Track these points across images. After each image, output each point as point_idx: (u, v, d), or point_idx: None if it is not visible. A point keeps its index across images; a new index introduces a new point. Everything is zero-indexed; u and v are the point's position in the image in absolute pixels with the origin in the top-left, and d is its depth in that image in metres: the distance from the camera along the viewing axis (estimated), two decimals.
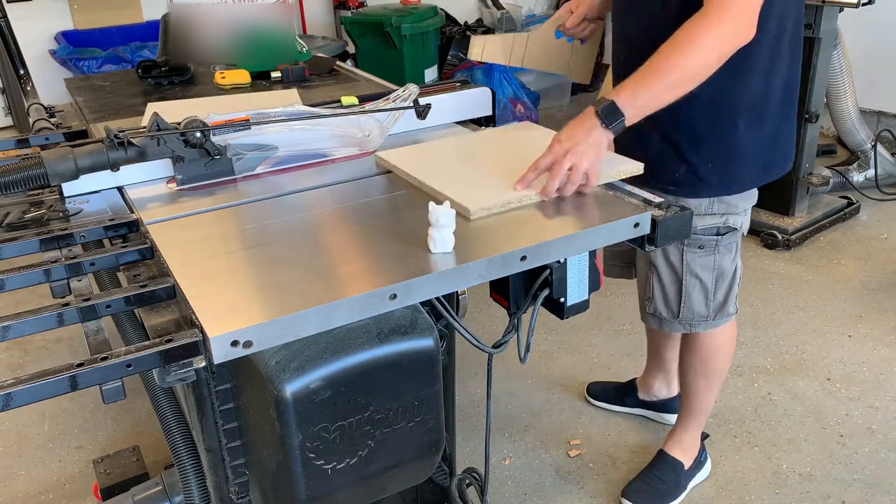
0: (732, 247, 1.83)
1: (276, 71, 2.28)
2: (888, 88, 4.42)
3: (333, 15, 5.50)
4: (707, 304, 1.86)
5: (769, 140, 1.69)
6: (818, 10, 3.23)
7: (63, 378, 0.98)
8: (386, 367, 1.22)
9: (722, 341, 1.97)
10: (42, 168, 1.38)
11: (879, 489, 2.18)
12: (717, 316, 1.89)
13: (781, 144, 1.74)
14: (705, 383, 2.04)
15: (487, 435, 1.64)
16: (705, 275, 1.83)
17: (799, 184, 3.55)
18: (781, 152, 1.75)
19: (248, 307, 1.09)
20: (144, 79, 2.34)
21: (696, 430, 2.17)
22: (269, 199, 1.48)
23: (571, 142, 1.39)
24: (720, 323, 1.91)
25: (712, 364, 2.00)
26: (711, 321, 1.89)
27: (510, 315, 1.45)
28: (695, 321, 1.89)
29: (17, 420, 2.60)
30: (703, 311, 1.87)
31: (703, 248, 1.80)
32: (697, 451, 2.19)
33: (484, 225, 1.32)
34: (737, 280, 1.88)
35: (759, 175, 1.74)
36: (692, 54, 1.41)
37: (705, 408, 2.11)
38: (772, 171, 1.76)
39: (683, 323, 1.90)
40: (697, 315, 1.88)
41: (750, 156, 1.68)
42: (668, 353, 2.31)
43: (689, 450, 2.18)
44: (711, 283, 1.84)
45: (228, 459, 1.40)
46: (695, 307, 1.86)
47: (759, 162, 1.71)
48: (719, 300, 1.87)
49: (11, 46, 2.53)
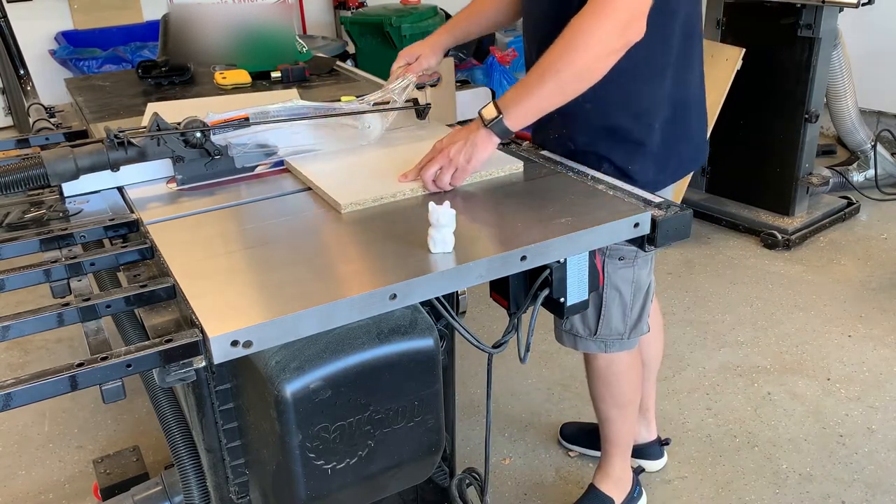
0: (648, 259, 1.77)
1: (276, 71, 2.29)
2: (888, 88, 4.43)
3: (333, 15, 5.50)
4: (624, 319, 1.80)
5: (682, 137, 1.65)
6: (818, 10, 3.23)
7: (63, 378, 0.98)
8: (386, 367, 1.22)
9: (627, 366, 1.90)
10: (42, 168, 1.38)
11: (879, 489, 2.18)
12: (632, 334, 1.82)
13: (693, 140, 1.68)
14: (617, 412, 1.96)
15: (487, 435, 1.64)
16: (625, 288, 1.75)
17: (799, 184, 3.55)
18: (692, 146, 1.69)
19: (248, 307, 1.09)
20: (144, 79, 2.34)
21: (622, 462, 2.06)
22: (269, 199, 1.48)
23: (449, 140, 1.45)
24: (633, 343, 1.85)
25: (621, 392, 1.93)
26: (626, 340, 1.82)
27: (510, 315, 1.45)
28: (611, 339, 1.82)
29: (17, 420, 2.60)
30: (620, 327, 1.80)
31: (624, 259, 1.72)
32: (629, 487, 2.09)
33: (483, 223, 1.32)
34: (650, 295, 1.82)
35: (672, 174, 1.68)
36: (582, 51, 1.33)
37: (624, 438, 2.02)
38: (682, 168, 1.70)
39: (599, 341, 1.82)
40: (615, 332, 1.81)
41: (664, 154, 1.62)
42: (644, 388, 2.15)
43: (619, 483, 2.07)
44: (630, 297, 1.77)
45: (228, 459, 1.40)
46: (613, 323, 1.79)
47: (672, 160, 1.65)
48: (635, 316, 1.81)
49: (11, 46, 2.53)
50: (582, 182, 1.50)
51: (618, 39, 1.34)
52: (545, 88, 1.37)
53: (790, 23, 3.32)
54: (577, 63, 1.35)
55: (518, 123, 1.41)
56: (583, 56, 1.34)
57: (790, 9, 3.29)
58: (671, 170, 1.67)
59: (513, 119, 1.40)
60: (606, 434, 2.03)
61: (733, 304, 3.12)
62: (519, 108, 1.40)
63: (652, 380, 2.22)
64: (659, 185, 1.62)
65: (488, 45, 5.31)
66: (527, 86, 1.39)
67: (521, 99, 1.39)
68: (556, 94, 1.38)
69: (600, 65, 1.36)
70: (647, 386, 2.19)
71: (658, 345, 2.18)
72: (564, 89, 1.38)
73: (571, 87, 1.38)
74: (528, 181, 1.53)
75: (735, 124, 3.55)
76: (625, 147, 1.60)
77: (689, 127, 1.67)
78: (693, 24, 1.58)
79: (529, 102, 1.39)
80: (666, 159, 1.64)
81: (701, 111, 1.71)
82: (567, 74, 1.35)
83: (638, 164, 1.60)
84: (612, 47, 1.35)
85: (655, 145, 1.60)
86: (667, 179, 1.67)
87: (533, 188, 1.50)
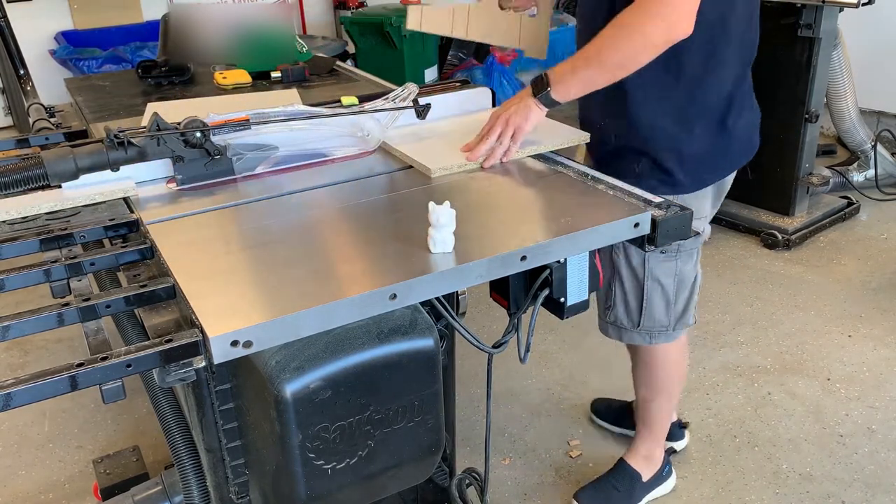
0: (693, 253, 1.80)
1: (276, 71, 2.29)
2: (888, 88, 4.42)
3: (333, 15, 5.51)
4: (668, 311, 1.83)
5: (727, 137, 1.67)
6: (818, 10, 3.23)
7: (63, 378, 0.98)
8: (386, 367, 1.22)
9: (674, 356, 1.94)
10: (42, 168, 1.38)
11: (879, 489, 2.18)
12: (678, 326, 1.86)
13: (739, 139, 1.71)
14: (652, 398, 2.02)
15: (487, 435, 1.64)
16: (667, 281, 1.80)
17: (799, 184, 3.55)
18: (739, 146, 1.72)
19: (248, 307, 1.09)
20: (144, 79, 2.34)
21: (654, 444, 2.12)
22: (269, 199, 1.48)
23: (503, 108, 1.59)
24: (678, 334, 1.89)
25: (664, 378, 1.97)
26: (671, 331, 1.87)
27: (510, 315, 1.45)
28: (655, 330, 1.86)
29: (17, 420, 2.60)
30: (663, 319, 1.84)
31: (665, 252, 1.76)
32: (660, 465, 2.15)
33: (483, 223, 1.33)
34: (696, 288, 1.85)
35: (720, 171, 1.72)
36: (623, 44, 1.45)
37: (660, 422, 2.08)
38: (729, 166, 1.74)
39: (643, 333, 1.87)
40: (658, 324, 1.85)
41: (709, 153, 1.66)
42: None
43: (649, 462, 2.13)
44: (673, 290, 1.81)
45: (228, 459, 1.40)
46: (656, 315, 1.83)
47: (717, 159, 1.69)
48: (679, 308, 1.84)
49: (11, 46, 2.53)
50: (582, 182, 1.50)
51: (661, 35, 1.43)
52: (590, 70, 1.50)
53: (790, 23, 3.32)
54: (620, 52, 1.46)
55: (563, 97, 1.54)
56: (626, 47, 1.45)
57: (790, 9, 3.29)
58: (712, 168, 1.70)
59: (559, 92, 1.53)
60: (643, 415, 2.09)
61: (733, 304, 3.12)
62: (565, 83, 1.52)
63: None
64: (701, 183, 1.68)
65: (488, 46, 5.31)
66: (575, 64, 1.52)
67: (567, 76, 1.52)
68: (599, 76, 1.51)
69: (641, 57, 1.46)
70: None
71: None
72: (607, 73, 1.50)
73: (614, 73, 1.50)
74: (529, 181, 1.53)
75: None
76: (665, 145, 1.64)
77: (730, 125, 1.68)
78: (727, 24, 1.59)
79: (574, 79, 1.52)
80: (707, 158, 1.67)
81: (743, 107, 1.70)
82: (610, 62, 1.48)
83: (677, 163, 1.64)
84: (654, 42, 1.44)
85: (696, 145, 1.64)
86: (709, 178, 1.71)
87: (533, 188, 1.50)
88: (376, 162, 1.65)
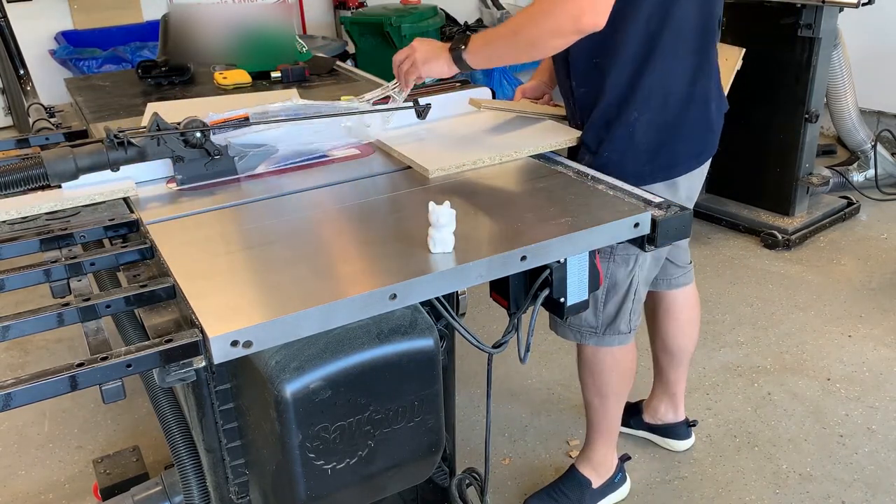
0: (630, 259, 1.74)
1: (276, 71, 2.29)
2: (888, 88, 4.42)
3: (333, 15, 5.50)
4: (596, 314, 1.81)
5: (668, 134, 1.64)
6: (818, 10, 3.23)
7: (63, 378, 0.98)
8: (386, 367, 1.22)
9: (611, 363, 1.91)
10: (42, 168, 1.38)
11: (879, 489, 2.18)
12: (607, 331, 1.83)
13: (685, 139, 1.67)
14: (599, 401, 1.99)
15: (487, 435, 1.64)
16: None
17: (799, 184, 3.55)
18: (678, 148, 1.68)
19: (248, 307, 1.09)
20: (144, 79, 2.34)
21: (604, 448, 2.08)
22: (269, 199, 1.48)
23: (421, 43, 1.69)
24: (610, 341, 1.86)
25: (602, 383, 1.95)
26: (601, 335, 1.84)
27: (510, 315, 1.45)
28: (584, 330, 1.84)
29: (17, 420, 2.60)
30: (591, 320, 1.82)
31: (600, 252, 1.69)
32: (612, 472, 2.12)
33: (483, 223, 1.32)
34: (630, 297, 1.80)
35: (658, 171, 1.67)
36: (535, 27, 1.49)
37: (606, 426, 2.04)
38: (674, 169, 1.69)
39: (573, 329, 1.85)
40: (585, 323, 1.83)
41: (644, 149, 1.63)
42: (673, 374, 2.25)
43: (599, 468, 2.10)
44: (602, 293, 1.78)
45: (228, 459, 1.40)
46: (584, 314, 1.80)
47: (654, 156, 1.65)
48: (609, 313, 1.81)
49: (11, 46, 2.53)
50: (582, 182, 1.50)
51: (569, 24, 1.45)
52: (501, 44, 1.57)
53: (790, 23, 3.32)
54: (529, 33, 1.50)
55: (473, 62, 1.60)
56: (534, 29, 1.49)
57: (790, 9, 3.29)
58: (660, 164, 1.66)
59: (470, 57, 1.60)
60: (589, 419, 2.07)
61: (733, 304, 3.12)
62: (478, 50, 1.59)
63: (683, 368, 2.24)
64: (645, 178, 1.62)
65: None
66: (491, 36, 1.59)
67: (482, 44, 1.59)
68: (510, 52, 1.59)
69: (551, 42, 1.51)
70: (678, 373, 2.25)
71: (691, 337, 2.20)
72: (518, 49, 1.56)
73: (523, 52, 1.56)
74: (529, 181, 1.53)
75: (735, 124, 3.52)
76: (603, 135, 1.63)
77: (683, 122, 1.65)
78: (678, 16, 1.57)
79: (486, 50, 1.59)
80: (651, 153, 1.64)
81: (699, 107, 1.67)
82: (520, 40, 1.53)
83: (616, 154, 1.62)
84: (562, 29, 1.47)
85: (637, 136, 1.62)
86: (655, 174, 1.66)
87: (533, 188, 1.50)
88: (376, 162, 1.65)
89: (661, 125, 1.63)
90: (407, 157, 1.61)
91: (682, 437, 2.34)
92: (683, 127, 1.66)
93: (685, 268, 2.10)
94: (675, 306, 2.13)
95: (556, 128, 1.74)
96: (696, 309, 2.19)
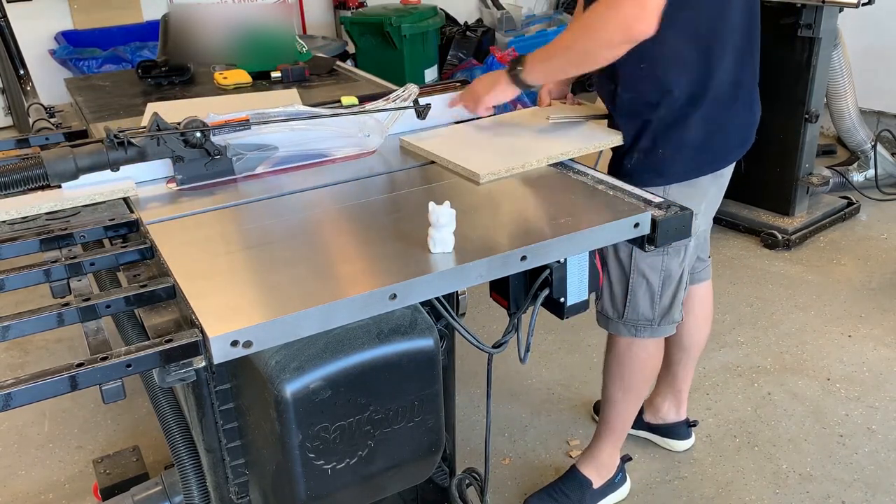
0: (681, 249, 1.79)
1: (276, 71, 2.28)
2: (888, 88, 4.42)
3: (333, 15, 5.50)
4: (653, 306, 1.83)
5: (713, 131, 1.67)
6: (818, 10, 3.23)
7: (63, 378, 0.98)
8: (386, 367, 1.22)
9: (645, 357, 1.93)
10: (42, 168, 1.38)
11: (879, 489, 2.18)
12: (662, 321, 1.86)
13: (728, 134, 1.71)
14: (622, 395, 2.00)
15: (487, 435, 1.64)
16: (652, 275, 1.80)
17: (799, 184, 3.55)
18: (725, 141, 1.72)
19: (248, 307, 1.09)
20: (144, 79, 2.34)
21: (612, 448, 2.10)
22: (269, 199, 1.48)
23: (477, 80, 1.77)
24: (664, 331, 1.88)
25: (632, 377, 1.96)
26: (656, 326, 1.87)
27: (510, 315, 1.45)
28: (640, 324, 1.86)
29: (17, 420, 2.60)
30: (648, 313, 1.85)
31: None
32: (613, 472, 2.13)
33: (483, 223, 1.33)
34: (682, 285, 1.84)
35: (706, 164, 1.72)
36: (587, 37, 1.52)
37: (621, 424, 2.06)
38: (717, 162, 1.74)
39: (628, 325, 1.87)
40: (643, 317, 1.85)
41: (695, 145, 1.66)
42: (681, 371, 2.25)
43: (602, 468, 2.11)
44: (658, 285, 1.81)
45: (228, 459, 1.40)
46: (640, 308, 1.84)
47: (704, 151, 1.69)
48: (665, 304, 1.84)
49: (11, 46, 2.53)
50: (582, 182, 1.50)
51: (621, 34, 1.47)
52: (558, 59, 1.61)
53: (790, 23, 3.32)
54: (583, 46, 1.54)
55: (533, 80, 1.65)
56: (587, 42, 1.53)
57: (790, 9, 3.29)
58: (706, 159, 1.70)
59: (529, 75, 1.64)
60: (605, 416, 2.07)
61: (733, 304, 3.12)
62: (536, 68, 1.63)
63: (692, 365, 2.25)
64: (690, 174, 1.69)
65: (488, 45, 5.31)
66: (546, 52, 1.62)
67: (539, 61, 1.63)
68: (567, 66, 1.63)
69: (604, 53, 1.52)
70: (686, 370, 2.25)
71: (704, 332, 2.21)
72: (573, 64, 1.61)
73: (579, 65, 1.62)
74: (529, 181, 1.53)
75: None
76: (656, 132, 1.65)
77: (730, 120, 1.69)
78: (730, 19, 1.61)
79: (544, 66, 1.64)
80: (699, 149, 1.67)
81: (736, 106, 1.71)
82: (574, 53, 1.57)
83: (670, 150, 1.65)
84: (614, 40, 1.48)
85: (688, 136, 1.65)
86: (702, 169, 1.71)
87: (533, 188, 1.50)
88: (376, 162, 1.65)
89: (710, 124, 1.66)
90: (454, 164, 1.57)
91: (682, 437, 2.34)
92: (730, 124, 1.70)
93: (706, 262, 2.12)
94: (692, 300, 2.13)
95: (596, 129, 1.73)
96: (710, 305, 2.20)
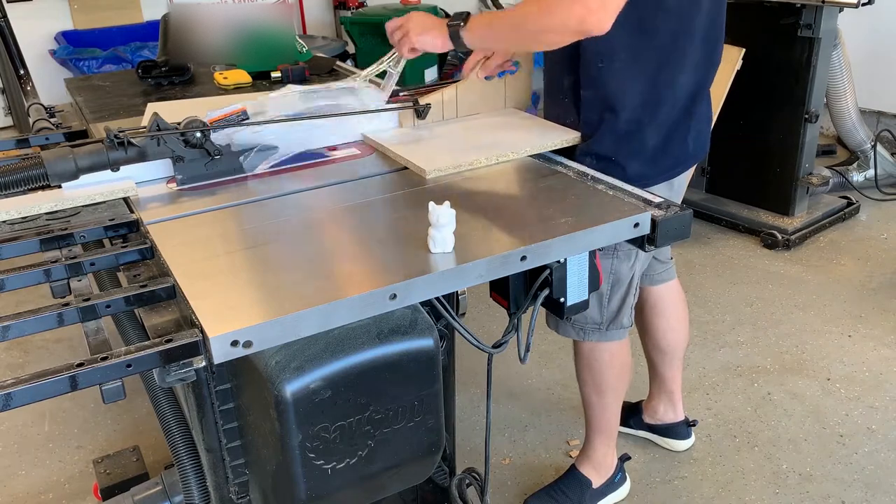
0: (632, 254, 1.76)
1: (276, 71, 2.28)
2: (888, 88, 4.42)
3: (333, 15, 5.50)
4: (601, 310, 1.82)
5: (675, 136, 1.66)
6: (818, 10, 3.23)
7: (63, 378, 0.98)
8: (386, 367, 1.22)
9: (609, 359, 1.92)
10: (42, 168, 1.38)
11: (879, 489, 2.18)
12: (611, 326, 1.85)
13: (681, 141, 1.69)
14: (597, 398, 1.99)
15: (487, 435, 1.64)
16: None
17: (799, 184, 3.55)
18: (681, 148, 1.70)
19: (248, 307, 1.09)
20: (144, 79, 2.34)
21: (603, 448, 2.09)
22: (268, 199, 1.48)
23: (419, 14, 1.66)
24: (612, 336, 1.87)
25: (601, 380, 1.95)
26: (604, 331, 1.85)
27: (510, 315, 1.45)
28: (588, 327, 1.85)
29: (17, 420, 2.60)
30: (596, 316, 1.83)
31: (602, 250, 1.71)
32: (612, 472, 2.12)
33: (483, 223, 1.33)
34: (632, 290, 1.82)
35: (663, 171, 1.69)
36: (540, 15, 1.46)
37: (606, 424, 2.04)
38: (673, 169, 1.71)
39: (576, 328, 1.86)
40: (590, 320, 1.83)
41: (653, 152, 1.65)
42: (667, 372, 2.25)
43: (599, 468, 2.10)
44: (606, 289, 1.79)
45: (228, 459, 1.40)
46: (587, 312, 1.78)
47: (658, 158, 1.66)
48: (613, 308, 1.82)
49: (11, 46, 2.53)
50: (582, 182, 1.50)
51: (574, 23, 1.42)
52: (502, 31, 1.56)
53: (790, 23, 3.32)
54: (532, 25, 1.47)
55: (470, 41, 1.58)
56: (538, 23, 1.46)
57: (790, 9, 3.29)
58: (665, 165, 1.68)
59: (468, 35, 1.57)
60: (588, 418, 2.07)
61: (733, 304, 3.12)
62: (477, 31, 1.56)
63: (676, 365, 2.25)
64: (649, 180, 1.64)
65: None
66: (493, 20, 1.58)
67: (483, 26, 1.57)
68: (509, 40, 1.60)
69: (551, 38, 1.48)
70: (672, 371, 2.25)
71: (681, 333, 2.20)
72: (516, 41, 1.58)
73: (522, 43, 1.59)
74: (529, 181, 1.53)
75: (735, 124, 3.54)
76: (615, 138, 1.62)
77: (689, 125, 1.68)
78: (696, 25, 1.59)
79: (486, 32, 1.57)
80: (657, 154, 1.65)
81: (703, 110, 1.71)
82: (522, 31, 1.50)
83: (626, 156, 1.62)
84: (566, 27, 1.44)
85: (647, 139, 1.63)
86: (658, 176, 1.68)
87: (533, 188, 1.50)
88: (375, 162, 1.65)
89: (669, 128, 1.64)
90: (403, 158, 1.61)
91: (681, 437, 2.34)
92: (690, 129, 1.68)
93: (667, 263, 2.11)
94: (661, 303, 2.14)
95: (554, 128, 1.74)
96: (683, 304, 2.19)
